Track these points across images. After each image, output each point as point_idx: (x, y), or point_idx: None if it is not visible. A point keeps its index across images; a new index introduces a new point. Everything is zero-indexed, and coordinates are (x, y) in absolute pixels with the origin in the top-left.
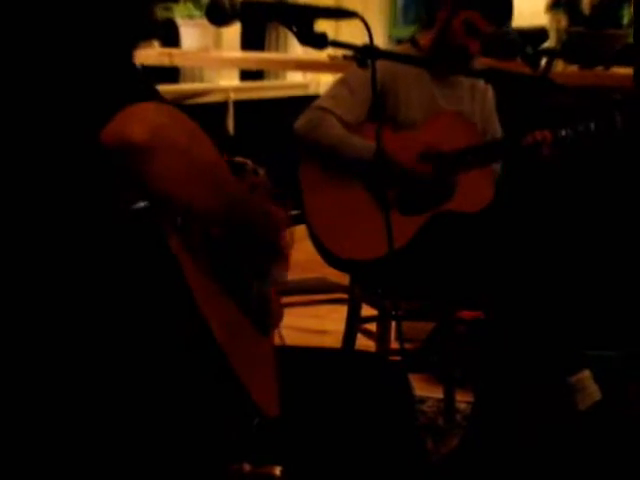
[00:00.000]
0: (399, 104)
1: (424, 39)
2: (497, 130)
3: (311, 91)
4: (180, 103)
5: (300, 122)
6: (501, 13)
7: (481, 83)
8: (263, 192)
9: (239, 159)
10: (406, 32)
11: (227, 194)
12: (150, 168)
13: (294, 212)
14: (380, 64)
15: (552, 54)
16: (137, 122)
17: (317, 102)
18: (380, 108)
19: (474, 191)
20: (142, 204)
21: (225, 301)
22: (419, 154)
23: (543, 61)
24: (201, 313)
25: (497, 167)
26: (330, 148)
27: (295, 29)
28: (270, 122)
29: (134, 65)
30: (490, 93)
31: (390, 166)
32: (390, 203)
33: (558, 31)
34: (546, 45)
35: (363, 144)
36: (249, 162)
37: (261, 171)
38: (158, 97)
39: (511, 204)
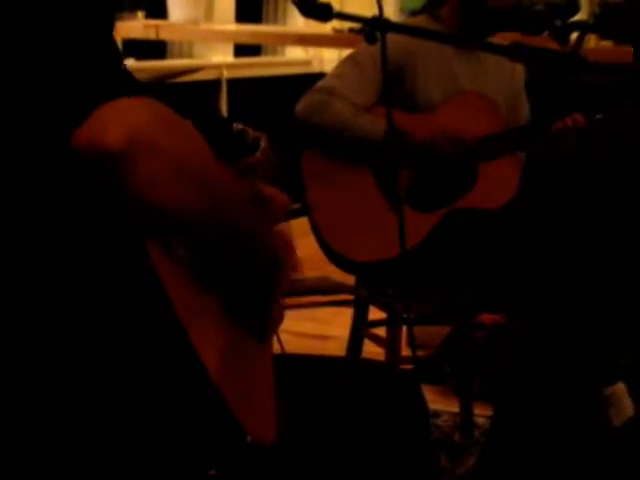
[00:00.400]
0: (416, 83)
1: (445, 9)
2: (525, 112)
3: (314, 68)
4: (167, 82)
5: (302, 104)
6: None
7: None
8: (261, 172)
9: (238, 126)
10: (420, 3)
11: (215, 197)
12: (130, 176)
13: (295, 205)
14: (394, 39)
15: (583, 28)
16: (113, 125)
17: (322, 82)
18: (393, 88)
19: (496, 184)
20: (120, 212)
21: (215, 315)
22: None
23: (573, 36)
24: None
25: (522, 155)
26: (336, 132)
27: None
28: (268, 103)
29: (112, 47)
30: (520, 69)
31: (403, 146)
32: (401, 198)
33: (590, 2)
34: (577, 18)
35: (373, 124)
36: (249, 130)
37: (263, 141)
38: (135, 85)
39: (538, 197)
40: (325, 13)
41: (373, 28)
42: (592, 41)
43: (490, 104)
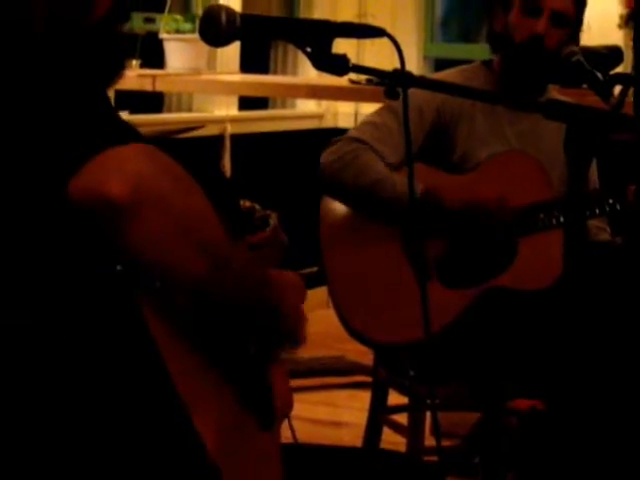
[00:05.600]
0: (459, 140)
1: (497, 58)
2: (593, 180)
3: (327, 123)
4: (164, 138)
5: (329, 156)
6: None
7: None
8: (269, 252)
9: (246, 203)
10: (446, 51)
11: (216, 256)
12: (131, 228)
13: (311, 270)
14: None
15: (628, 81)
16: (114, 174)
17: (353, 131)
18: (434, 144)
19: (539, 262)
20: (115, 267)
21: (215, 387)
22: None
23: (616, 89)
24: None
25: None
26: (365, 191)
27: (309, 50)
28: (276, 161)
29: (105, 97)
30: None
31: (435, 213)
32: (430, 271)
33: (635, 52)
34: (620, 69)
35: (406, 185)
36: (257, 206)
37: (273, 219)
38: (134, 135)
39: (583, 279)
40: (341, 66)
41: (394, 83)
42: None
43: (536, 166)
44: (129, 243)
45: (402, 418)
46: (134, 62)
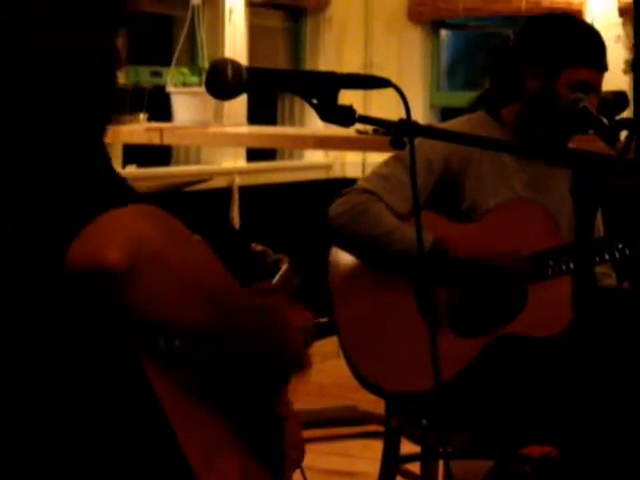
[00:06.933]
0: (467, 189)
1: (508, 111)
2: (598, 227)
3: (335, 173)
4: (172, 191)
5: (338, 207)
6: (604, 58)
7: None
8: (280, 296)
9: (258, 247)
10: (452, 100)
11: (221, 305)
12: (131, 292)
13: (320, 320)
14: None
15: (634, 126)
16: (111, 240)
17: (362, 182)
18: (442, 193)
19: (549, 308)
20: (117, 329)
21: (224, 439)
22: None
23: (622, 135)
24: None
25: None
26: (375, 242)
27: (316, 102)
28: (285, 212)
29: (103, 153)
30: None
31: (447, 261)
32: (441, 320)
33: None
34: (626, 114)
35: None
36: (269, 250)
37: (284, 263)
38: (130, 191)
39: (594, 323)
40: (347, 117)
41: (400, 133)
42: None
43: (543, 213)
44: (130, 306)
45: (415, 467)
46: (141, 116)
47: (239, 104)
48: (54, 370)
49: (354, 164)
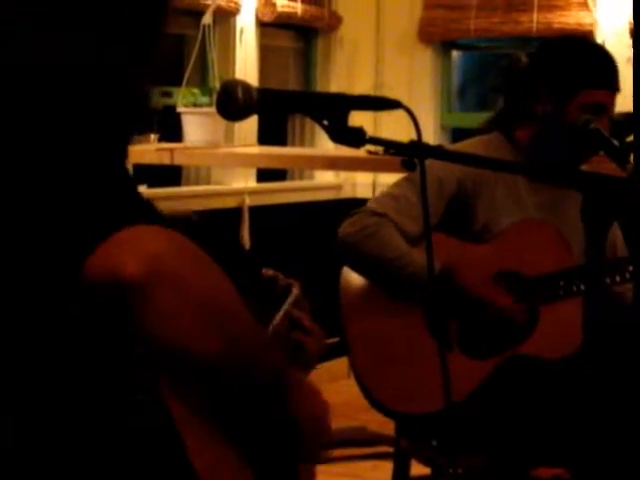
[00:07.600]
0: (478, 211)
1: (521, 132)
2: (620, 247)
3: (345, 194)
4: (183, 211)
5: (348, 228)
6: (617, 79)
7: None
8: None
9: (269, 272)
10: (463, 121)
11: (235, 338)
12: (148, 310)
13: (331, 341)
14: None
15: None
16: (130, 253)
17: (373, 203)
18: (454, 214)
19: (560, 330)
20: (131, 346)
21: (234, 468)
22: (493, 276)
23: (633, 156)
24: None
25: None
26: (384, 266)
27: (326, 123)
28: (295, 232)
29: (124, 171)
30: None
31: (454, 290)
32: (452, 341)
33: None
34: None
35: (424, 261)
36: (280, 276)
37: (295, 288)
38: (153, 213)
39: (605, 344)
40: (358, 138)
41: (411, 154)
42: None
43: (555, 234)
44: (144, 322)
45: None
46: (152, 136)
47: (250, 125)
48: (66, 385)
49: (365, 185)
